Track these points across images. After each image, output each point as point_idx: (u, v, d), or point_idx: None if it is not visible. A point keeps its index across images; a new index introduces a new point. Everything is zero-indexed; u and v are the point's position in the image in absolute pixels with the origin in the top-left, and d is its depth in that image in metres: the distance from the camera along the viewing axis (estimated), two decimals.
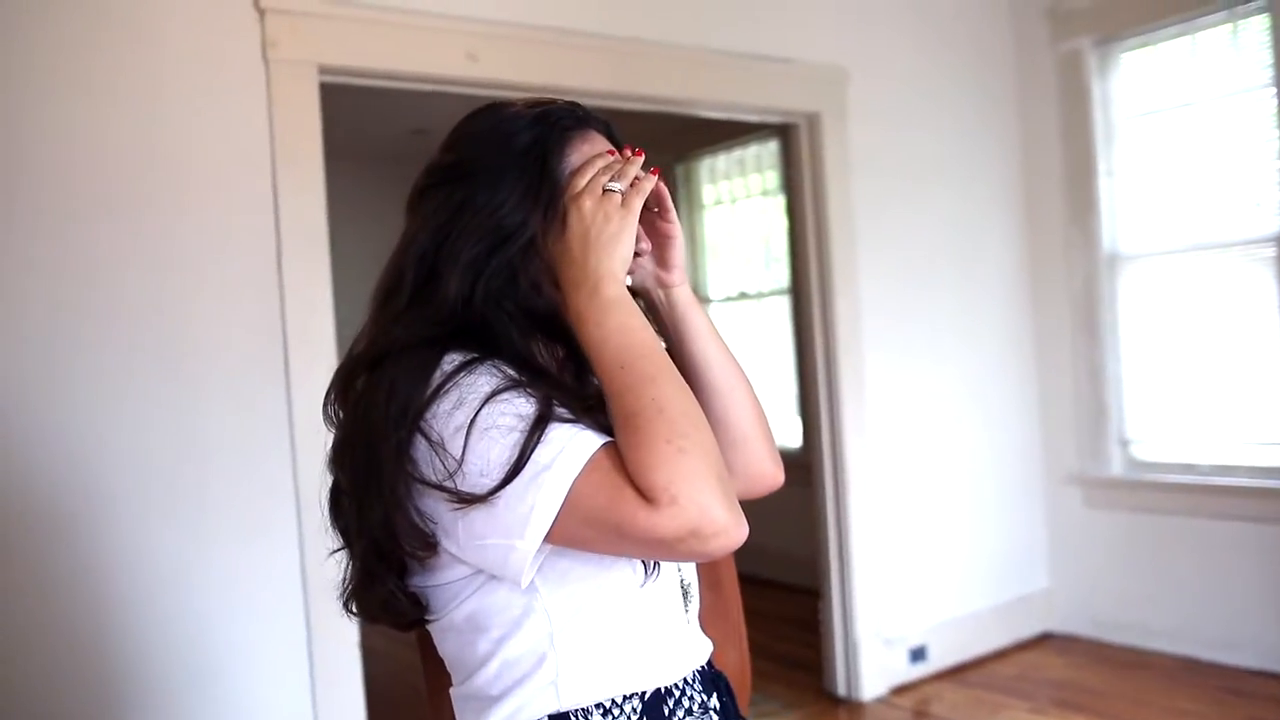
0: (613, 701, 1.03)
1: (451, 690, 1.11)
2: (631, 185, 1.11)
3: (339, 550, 1.10)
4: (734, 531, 0.93)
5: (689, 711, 1.08)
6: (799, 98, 3.70)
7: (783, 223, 5.26)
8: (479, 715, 1.05)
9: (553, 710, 1.02)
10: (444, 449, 0.95)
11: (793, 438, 5.39)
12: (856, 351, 3.78)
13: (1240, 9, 3.68)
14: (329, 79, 2.79)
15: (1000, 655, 4.11)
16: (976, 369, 4.18)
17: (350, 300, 6.81)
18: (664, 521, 0.90)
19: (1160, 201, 4.02)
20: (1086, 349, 4.18)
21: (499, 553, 0.95)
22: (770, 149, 5.45)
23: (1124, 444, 4.14)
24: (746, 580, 5.80)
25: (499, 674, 1.03)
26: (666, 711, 1.06)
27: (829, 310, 3.74)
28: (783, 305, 5.45)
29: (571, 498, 0.92)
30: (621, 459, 0.94)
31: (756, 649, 4.61)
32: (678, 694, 1.08)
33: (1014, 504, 4.29)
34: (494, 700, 1.04)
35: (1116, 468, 4.14)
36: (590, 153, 1.13)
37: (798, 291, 3.89)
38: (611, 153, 1.14)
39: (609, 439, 0.96)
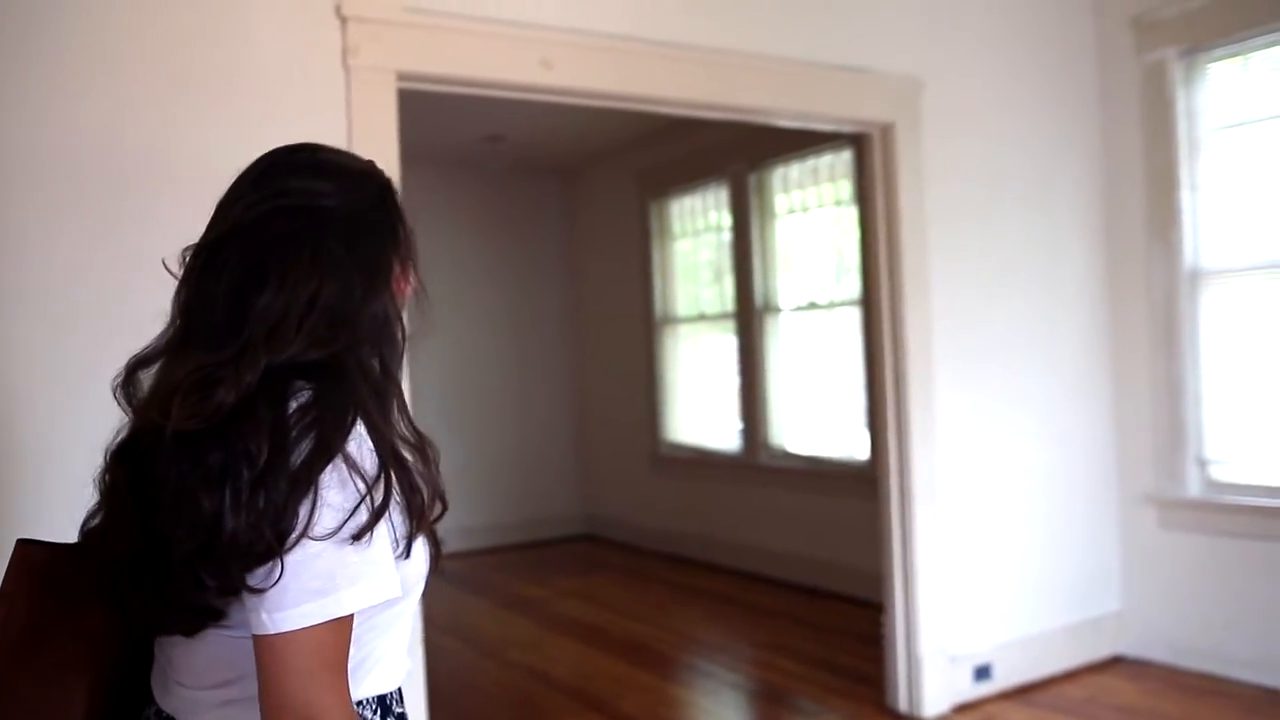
0: (364, 701, 1.16)
1: (194, 692, 1.13)
2: None
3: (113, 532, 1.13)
4: None
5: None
6: (873, 108, 3.68)
7: (855, 233, 5.22)
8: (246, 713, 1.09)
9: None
10: (358, 474, 1.04)
11: (861, 450, 5.35)
12: (925, 363, 3.74)
13: None
14: (406, 85, 2.85)
15: (1069, 677, 4.03)
16: (1050, 383, 4.10)
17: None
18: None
19: (1245, 216, 3.91)
20: (1165, 366, 4.07)
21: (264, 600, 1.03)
22: (844, 158, 5.42)
23: (1202, 464, 4.02)
24: (807, 592, 5.76)
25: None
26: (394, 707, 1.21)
27: (899, 321, 3.71)
28: (855, 316, 5.41)
29: (305, 633, 1.01)
30: (348, 642, 1.05)
31: (818, 662, 4.61)
32: (397, 696, 1.22)
33: (1086, 523, 4.19)
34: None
35: (1194, 488, 4.03)
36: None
37: (868, 302, 3.86)
38: None
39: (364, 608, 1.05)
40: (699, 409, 6.82)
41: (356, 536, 1.03)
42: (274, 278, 1.09)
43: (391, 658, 1.19)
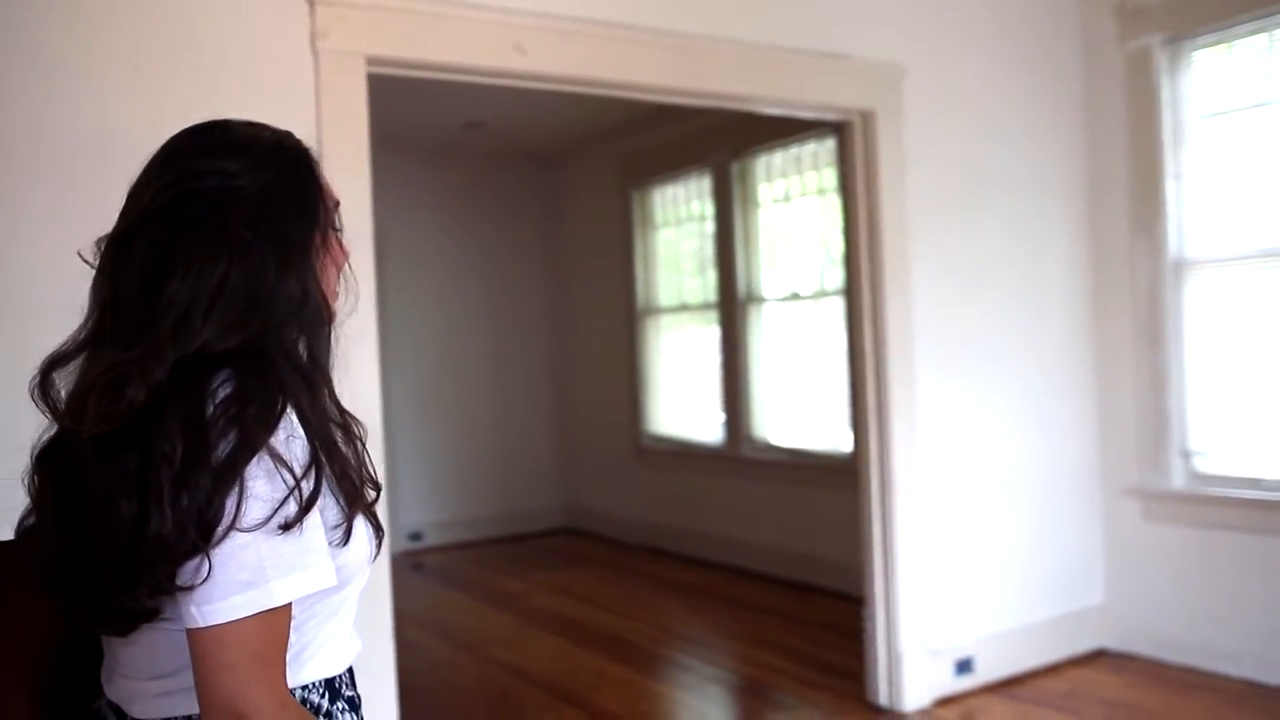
0: (310, 686, 1.15)
1: (135, 683, 1.12)
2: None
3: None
4: None
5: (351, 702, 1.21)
6: (854, 94, 3.63)
7: (839, 222, 5.17)
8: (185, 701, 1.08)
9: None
10: (284, 465, 1.02)
11: (845, 443, 5.31)
12: (907, 354, 3.70)
13: None
14: (376, 70, 2.79)
15: (1051, 670, 4.00)
16: (1034, 374, 4.06)
17: (399, 289, 6.83)
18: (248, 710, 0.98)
19: (1230, 206, 3.87)
20: (1149, 357, 4.04)
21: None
22: (827, 147, 5.36)
23: (1186, 456, 3.99)
24: (789, 586, 5.72)
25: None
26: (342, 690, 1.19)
27: (879, 311, 3.67)
28: (838, 307, 5.36)
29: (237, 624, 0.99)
30: (282, 630, 1.02)
31: (799, 656, 4.57)
32: (346, 679, 1.21)
33: (1069, 515, 4.16)
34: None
35: (1178, 480, 4.00)
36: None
37: (850, 292, 3.81)
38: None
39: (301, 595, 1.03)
40: (681, 401, 6.76)
41: (286, 527, 1.01)
42: (180, 265, 1.05)
43: (336, 642, 1.18)
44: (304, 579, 1.03)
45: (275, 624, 1.01)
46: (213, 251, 1.05)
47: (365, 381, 2.67)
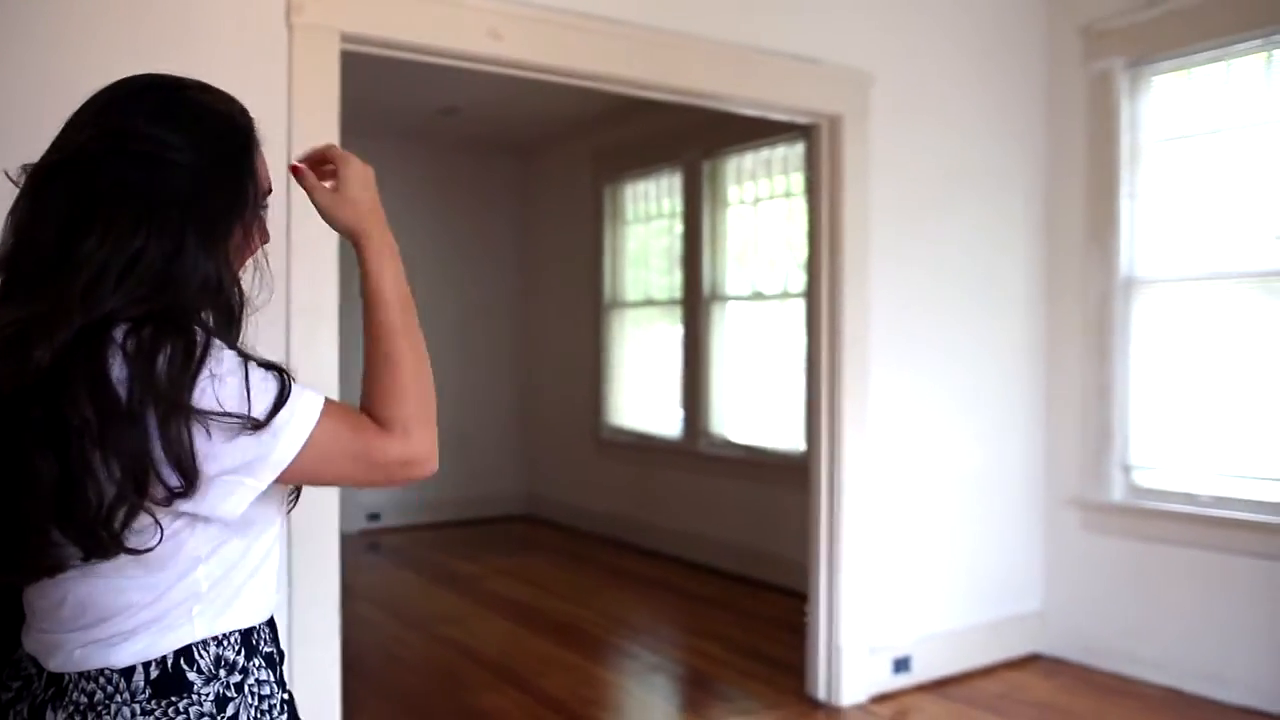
0: (225, 638, 1.15)
1: (53, 635, 1.12)
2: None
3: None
4: (433, 465, 1.17)
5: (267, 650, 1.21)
6: (823, 98, 3.69)
7: (804, 226, 5.24)
8: (112, 650, 1.10)
9: (189, 640, 1.12)
10: (224, 385, 1.05)
11: (800, 442, 5.39)
12: (861, 357, 3.78)
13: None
14: (350, 48, 2.81)
15: (986, 672, 4.09)
16: (986, 383, 4.15)
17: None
18: (396, 448, 1.14)
19: (1180, 227, 3.98)
20: (1096, 371, 4.14)
21: (228, 487, 1.07)
22: (797, 151, 5.44)
23: (1126, 469, 4.10)
24: (742, 581, 5.80)
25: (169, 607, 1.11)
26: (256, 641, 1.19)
27: (837, 313, 3.74)
28: (800, 309, 5.43)
29: (312, 440, 1.08)
30: (342, 405, 1.14)
31: (744, 649, 4.64)
32: (266, 635, 1.21)
33: (1012, 522, 4.26)
34: (130, 635, 1.10)
35: (1117, 493, 4.10)
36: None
37: (809, 294, 3.88)
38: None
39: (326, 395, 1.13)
40: (643, 394, 6.83)
41: (257, 425, 1.05)
42: (100, 225, 1.04)
43: (255, 591, 1.18)
44: (314, 394, 1.11)
45: (333, 412, 1.12)
46: (134, 222, 1.05)
47: (325, 362, 2.70)
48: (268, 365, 1.09)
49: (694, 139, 6.06)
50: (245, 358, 1.08)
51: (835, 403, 3.75)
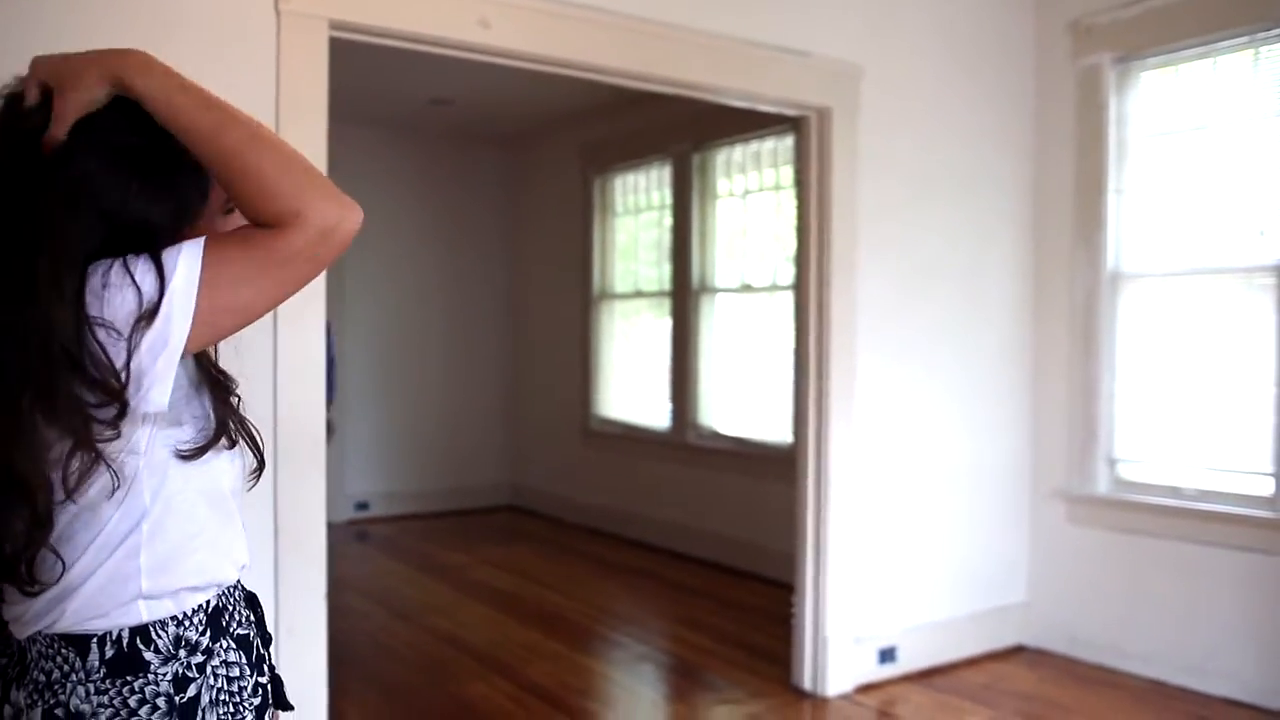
0: (186, 620, 1.14)
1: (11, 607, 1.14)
2: None
3: None
4: (351, 215, 1.11)
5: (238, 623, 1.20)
6: (812, 91, 3.70)
7: (793, 218, 5.25)
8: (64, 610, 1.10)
9: (137, 595, 1.12)
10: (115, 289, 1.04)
11: (788, 434, 5.40)
12: (849, 350, 3.79)
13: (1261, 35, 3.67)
14: (339, 35, 2.80)
15: (971, 663, 4.12)
16: (971, 375, 4.17)
17: (354, 263, 6.75)
18: (296, 236, 1.07)
19: (1166, 223, 4.00)
20: (1082, 365, 4.17)
21: (148, 362, 1.05)
22: (787, 144, 5.44)
23: (1111, 462, 4.13)
24: (729, 572, 5.81)
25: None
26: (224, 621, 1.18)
27: (824, 306, 3.75)
28: (789, 301, 5.44)
29: (206, 278, 1.05)
30: (225, 234, 1.10)
31: (731, 639, 4.65)
32: (237, 616, 1.19)
33: (998, 514, 4.28)
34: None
35: (1102, 486, 4.13)
36: None
37: (798, 286, 3.89)
38: None
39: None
40: (631, 385, 6.83)
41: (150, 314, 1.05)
42: (44, 237, 1.05)
43: (207, 549, 1.17)
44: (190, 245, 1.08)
45: (215, 242, 1.08)
46: (66, 239, 1.07)
47: (313, 351, 2.70)
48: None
49: (683, 131, 6.06)
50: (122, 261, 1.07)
51: (822, 395, 3.76)
